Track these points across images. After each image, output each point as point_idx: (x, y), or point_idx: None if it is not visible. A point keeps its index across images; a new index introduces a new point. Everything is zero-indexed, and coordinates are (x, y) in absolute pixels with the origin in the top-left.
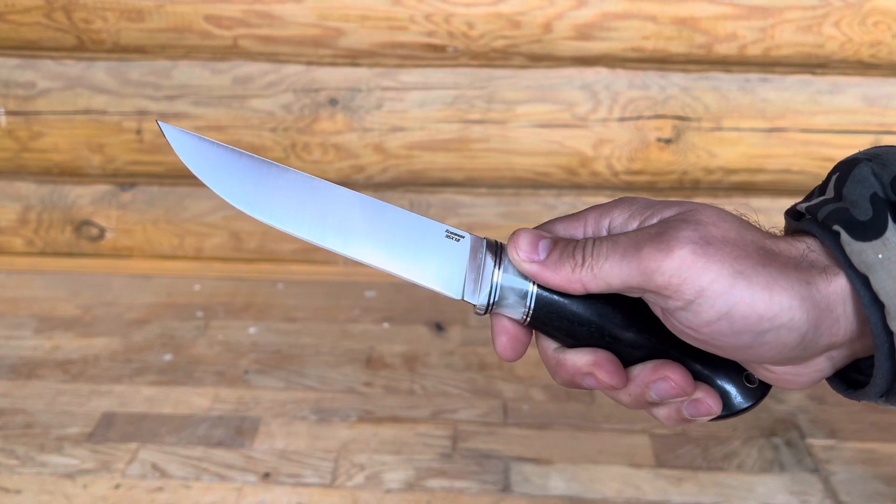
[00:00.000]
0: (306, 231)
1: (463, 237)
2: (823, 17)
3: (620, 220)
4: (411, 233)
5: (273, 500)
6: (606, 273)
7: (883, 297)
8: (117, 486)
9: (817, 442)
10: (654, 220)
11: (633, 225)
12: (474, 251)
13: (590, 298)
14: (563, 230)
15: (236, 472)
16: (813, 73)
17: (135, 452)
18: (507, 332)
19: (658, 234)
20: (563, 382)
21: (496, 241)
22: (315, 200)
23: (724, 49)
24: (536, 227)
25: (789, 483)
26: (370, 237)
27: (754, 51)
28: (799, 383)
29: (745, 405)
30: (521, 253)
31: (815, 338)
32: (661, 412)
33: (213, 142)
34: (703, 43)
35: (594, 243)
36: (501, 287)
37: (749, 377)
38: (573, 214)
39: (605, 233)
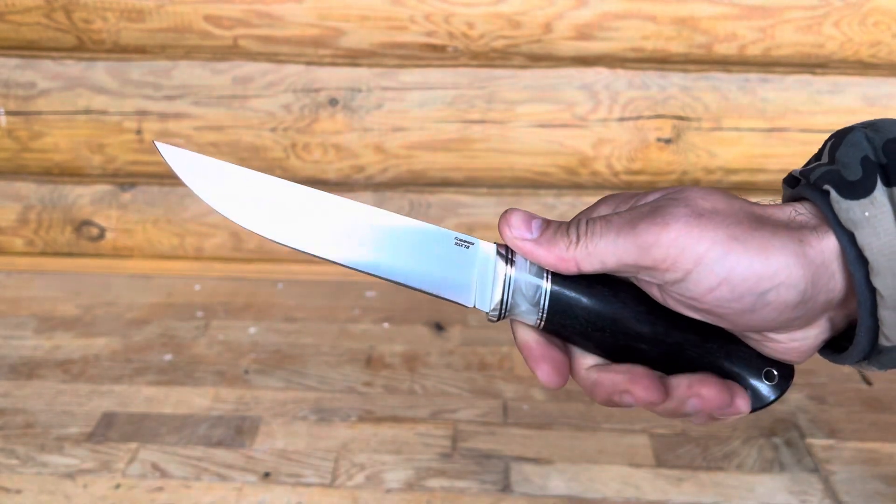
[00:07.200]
0: (312, 246)
1: (473, 244)
2: (823, 17)
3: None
4: (420, 242)
5: (273, 500)
6: (601, 251)
7: (867, 254)
8: (117, 486)
9: (817, 442)
10: (642, 204)
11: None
12: (484, 258)
13: (602, 297)
14: None
15: (236, 472)
16: (813, 73)
17: (135, 452)
18: (547, 359)
19: (652, 212)
20: (602, 402)
21: (506, 247)
22: (320, 215)
23: (724, 49)
24: None
25: (789, 483)
26: (378, 249)
27: (754, 51)
28: (803, 351)
29: (766, 401)
30: (513, 231)
31: (814, 294)
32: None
33: (215, 160)
34: (703, 43)
35: (587, 222)
36: (513, 293)
37: (768, 374)
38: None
39: None
